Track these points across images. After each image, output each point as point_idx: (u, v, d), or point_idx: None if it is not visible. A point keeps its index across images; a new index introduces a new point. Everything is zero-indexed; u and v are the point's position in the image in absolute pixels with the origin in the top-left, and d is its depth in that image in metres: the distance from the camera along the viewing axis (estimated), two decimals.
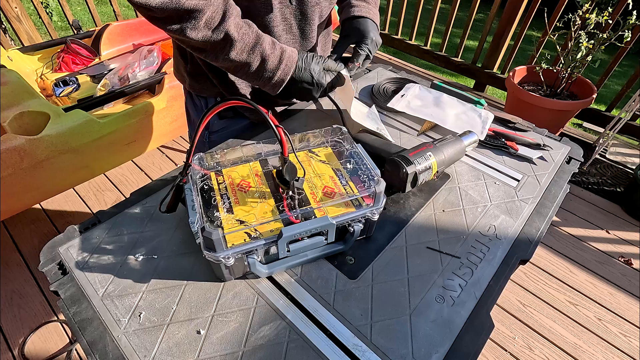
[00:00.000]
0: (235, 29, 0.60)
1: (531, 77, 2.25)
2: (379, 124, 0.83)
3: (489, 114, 0.88)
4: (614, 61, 2.12)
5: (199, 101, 0.86)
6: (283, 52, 0.66)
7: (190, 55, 0.77)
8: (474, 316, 0.52)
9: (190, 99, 0.89)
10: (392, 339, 0.49)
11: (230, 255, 0.48)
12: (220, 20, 0.58)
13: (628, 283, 1.56)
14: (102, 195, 1.86)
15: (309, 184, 0.58)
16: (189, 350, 0.47)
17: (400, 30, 3.02)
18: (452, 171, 0.75)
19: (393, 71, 1.10)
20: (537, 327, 1.41)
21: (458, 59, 2.77)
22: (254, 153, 0.63)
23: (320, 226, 0.51)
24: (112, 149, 1.47)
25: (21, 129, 1.24)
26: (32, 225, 1.70)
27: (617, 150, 2.22)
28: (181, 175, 0.53)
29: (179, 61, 0.83)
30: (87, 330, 0.48)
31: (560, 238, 1.73)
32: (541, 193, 0.72)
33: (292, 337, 0.49)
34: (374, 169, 0.58)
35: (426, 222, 0.65)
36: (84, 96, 1.63)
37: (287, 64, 0.67)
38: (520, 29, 2.39)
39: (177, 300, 0.52)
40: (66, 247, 0.58)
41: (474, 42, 4.24)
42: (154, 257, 0.57)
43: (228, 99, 0.48)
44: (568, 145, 0.85)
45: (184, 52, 0.78)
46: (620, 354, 1.34)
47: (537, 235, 0.64)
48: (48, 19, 2.39)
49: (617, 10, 1.92)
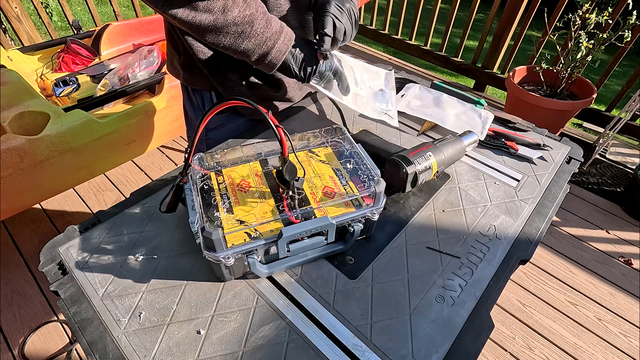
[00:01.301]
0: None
1: (531, 77, 2.25)
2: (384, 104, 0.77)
3: (489, 114, 0.88)
4: (614, 61, 2.12)
5: (196, 99, 0.85)
6: (282, 24, 0.65)
7: (183, 47, 0.75)
8: (474, 316, 0.52)
9: (187, 95, 0.88)
10: (392, 339, 0.49)
11: (230, 255, 0.48)
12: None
13: (628, 283, 1.56)
14: (102, 195, 1.86)
15: (309, 184, 0.58)
16: (189, 350, 0.47)
17: (400, 30, 3.02)
18: (452, 171, 0.75)
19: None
20: (537, 327, 1.41)
21: (458, 59, 2.77)
22: (254, 153, 0.63)
23: (320, 226, 0.51)
24: (112, 149, 1.47)
25: (21, 129, 1.24)
26: (32, 225, 1.70)
27: (617, 150, 2.22)
28: (181, 175, 0.53)
29: (172, 54, 0.81)
30: (87, 330, 0.48)
31: (560, 238, 1.73)
32: (541, 193, 0.72)
33: (292, 337, 0.49)
34: (374, 169, 0.58)
35: (426, 222, 0.65)
36: (84, 96, 1.63)
37: (288, 32, 0.65)
38: (520, 29, 2.39)
39: (177, 300, 0.52)
40: (66, 247, 0.58)
41: (474, 42, 4.24)
42: (154, 257, 0.57)
43: (228, 99, 0.48)
44: (568, 145, 0.85)
45: (176, 44, 0.77)
46: (620, 354, 1.34)
47: (537, 235, 0.64)
48: (48, 19, 2.39)
49: (617, 10, 1.92)
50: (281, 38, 0.64)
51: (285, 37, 0.65)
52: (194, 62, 0.77)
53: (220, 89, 0.79)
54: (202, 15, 0.58)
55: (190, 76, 0.81)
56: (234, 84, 0.78)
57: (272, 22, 0.63)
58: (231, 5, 0.58)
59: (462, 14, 4.40)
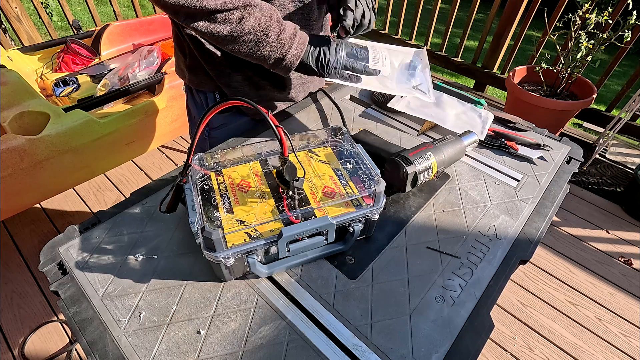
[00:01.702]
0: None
1: (531, 77, 2.25)
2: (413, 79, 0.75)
3: (488, 114, 0.88)
4: (614, 61, 2.12)
5: (199, 98, 0.86)
6: (295, 27, 0.66)
7: (189, 50, 0.77)
8: (474, 316, 0.52)
9: (190, 95, 0.89)
10: (392, 339, 0.49)
11: (230, 255, 0.48)
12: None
13: (628, 283, 1.56)
14: (102, 195, 1.86)
15: (309, 184, 0.58)
16: (189, 350, 0.47)
17: (400, 30, 3.02)
18: (452, 171, 0.75)
19: None
20: (537, 327, 1.41)
21: (458, 59, 2.77)
22: (254, 153, 0.63)
23: (320, 226, 0.51)
24: (112, 149, 1.47)
25: (21, 129, 1.24)
26: (32, 225, 1.70)
27: (617, 150, 2.22)
28: (181, 175, 0.53)
29: (179, 57, 0.83)
30: (87, 330, 0.48)
31: (560, 238, 1.73)
32: (541, 193, 0.72)
33: (292, 337, 0.49)
34: (374, 169, 0.58)
35: (426, 222, 0.65)
36: (84, 96, 1.63)
37: (302, 36, 0.67)
38: (520, 29, 2.39)
39: (177, 300, 0.52)
40: (66, 247, 0.58)
41: (474, 42, 4.24)
42: (154, 257, 0.57)
43: (228, 99, 0.48)
44: (568, 145, 0.85)
45: (182, 46, 0.79)
46: (620, 354, 1.34)
47: (537, 235, 0.64)
48: (48, 19, 2.38)
49: (617, 10, 1.92)
50: (295, 42, 0.66)
51: (299, 41, 0.66)
52: (199, 64, 0.78)
53: (225, 90, 0.80)
54: (221, 26, 0.61)
55: (195, 78, 0.82)
56: (238, 84, 0.79)
57: (286, 27, 0.65)
58: (247, 16, 0.61)
59: (462, 14, 4.40)
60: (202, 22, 0.60)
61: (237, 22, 0.61)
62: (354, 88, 1.00)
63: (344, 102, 0.95)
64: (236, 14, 0.60)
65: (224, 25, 0.61)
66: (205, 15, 0.59)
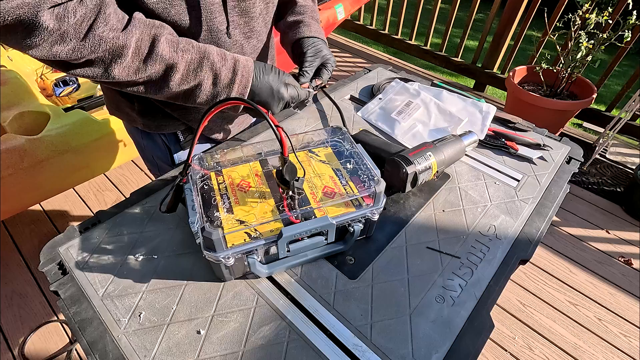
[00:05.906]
0: (171, 49, 0.51)
1: (531, 77, 2.25)
2: None
3: (490, 107, 0.87)
4: (614, 61, 2.12)
5: (161, 139, 0.77)
6: (236, 62, 0.58)
7: (137, 95, 0.65)
8: (474, 316, 0.52)
9: (148, 139, 0.79)
10: (392, 339, 0.49)
11: (230, 255, 0.48)
12: (151, 47, 0.50)
13: (628, 283, 1.56)
14: (102, 195, 1.86)
15: (309, 184, 0.58)
16: (189, 350, 0.47)
17: (400, 30, 3.02)
18: (452, 171, 0.75)
19: (393, 71, 1.10)
20: (537, 327, 1.41)
21: (458, 59, 2.77)
22: (254, 153, 0.63)
23: (320, 226, 0.51)
24: (112, 149, 1.47)
25: (21, 129, 1.24)
26: (32, 225, 1.70)
27: (617, 150, 2.22)
28: (181, 175, 0.53)
29: (119, 99, 0.71)
30: (87, 330, 0.48)
31: (560, 238, 1.73)
32: (541, 193, 0.72)
33: (292, 337, 0.49)
34: (374, 169, 0.58)
35: (426, 222, 0.65)
36: (84, 96, 1.63)
37: (244, 74, 0.58)
38: (520, 29, 2.39)
39: (177, 300, 0.52)
40: (66, 247, 0.58)
41: (474, 42, 4.24)
42: (154, 257, 0.57)
43: (228, 99, 0.48)
44: (568, 145, 0.85)
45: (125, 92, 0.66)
46: (620, 354, 1.34)
47: (537, 235, 0.64)
48: None
49: (617, 10, 1.92)
50: (234, 89, 0.59)
51: (239, 86, 0.59)
52: (154, 106, 0.70)
53: (193, 126, 0.75)
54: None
55: (153, 122, 0.73)
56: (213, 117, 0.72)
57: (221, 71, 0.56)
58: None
59: (462, 14, 4.39)
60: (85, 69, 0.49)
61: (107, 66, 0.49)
62: (354, 88, 1.00)
63: (344, 102, 0.95)
64: (157, 75, 0.52)
65: (143, 88, 0.53)
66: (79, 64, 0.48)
